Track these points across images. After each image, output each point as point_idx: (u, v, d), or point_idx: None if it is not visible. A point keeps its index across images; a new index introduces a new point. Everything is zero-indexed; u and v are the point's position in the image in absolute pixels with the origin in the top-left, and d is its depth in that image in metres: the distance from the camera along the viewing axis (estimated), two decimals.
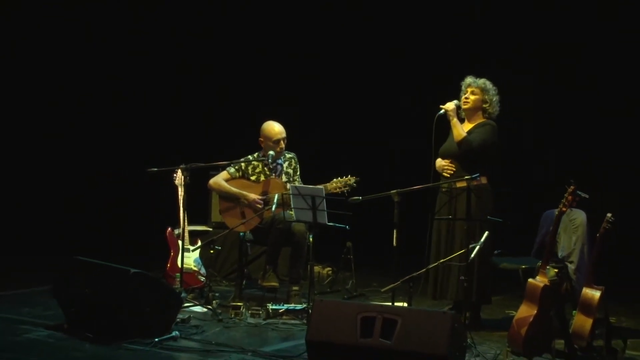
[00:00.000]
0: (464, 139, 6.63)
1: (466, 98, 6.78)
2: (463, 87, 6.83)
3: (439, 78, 8.44)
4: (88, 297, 6.16)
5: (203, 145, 10.14)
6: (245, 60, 10.93)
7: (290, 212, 7.03)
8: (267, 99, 10.16)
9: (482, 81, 6.78)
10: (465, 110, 6.80)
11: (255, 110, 8.62)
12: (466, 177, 6.44)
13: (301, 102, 10.27)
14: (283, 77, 10.59)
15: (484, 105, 6.78)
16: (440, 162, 6.80)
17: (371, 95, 10.34)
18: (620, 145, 9.16)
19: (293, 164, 7.58)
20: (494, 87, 6.80)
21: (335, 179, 7.05)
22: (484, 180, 6.66)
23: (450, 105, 6.69)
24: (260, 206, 7.32)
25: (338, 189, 6.99)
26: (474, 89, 6.77)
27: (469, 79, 6.81)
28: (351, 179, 7.03)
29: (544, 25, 9.42)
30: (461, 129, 6.67)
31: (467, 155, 6.63)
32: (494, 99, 6.79)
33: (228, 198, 7.49)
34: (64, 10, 10.26)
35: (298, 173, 7.58)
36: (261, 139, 7.47)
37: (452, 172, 6.72)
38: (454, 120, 6.69)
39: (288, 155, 7.56)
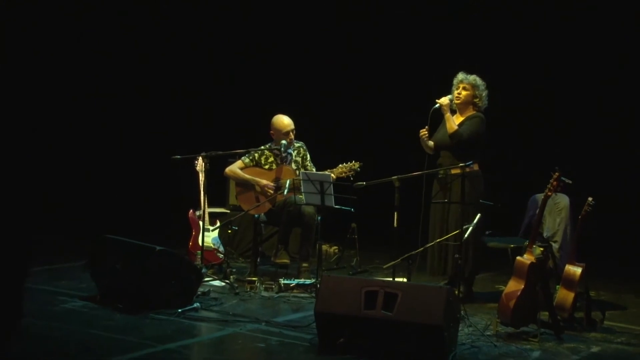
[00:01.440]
0: (456, 132, 6.64)
1: (458, 93, 6.76)
2: (455, 83, 6.82)
3: (437, 73, 8.40)
4: (118, 272, 6.20)
5: (218, 137, 10.11)
6: (251, 56, 10.83)
7: (301, 196, 7.05)
8: (274, 93, 10.10)
9: (472, 77, 6.77)
10: (457, 104, 6.79)
11: (266, 105, 8.56)
12: (460, 164, 6.45)
13: (310, 96, 10.22)
14: (289, 73, 10.50)
15: (475, 100, 6.78)
16: (422, 132, 6.79)
17: (375, 90, 10.29)
18: (601, 136, 9.16)
19: (302, 152, 7.57)
20: (483, 83, 6.79)
21: (340, 165, 7.06)
22: (475, 167, 6.68)
23: (444, 100, 6.70)
24: (271, 191, 7.34)
25: (344, 174, 7.00)
26: (465, 85, 6.76)
27: (460, 76, 6.80)
28: (355, 164, 7.04)
29: (540, 24, 9.38)
30: (453, 123, 6.68)
31: (458, 145, 6.65)
32: (484, 94, 6.79)
33: (243, 184, 7.52)
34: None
35: (308, 159, 7.57)
36: (272, 132, 7.47)
37: (424, 134, 6.75)
38: (447, 115, 6.70)
39: (297, 145, 7.56)
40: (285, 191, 7.14)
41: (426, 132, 6.77)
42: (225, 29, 10.87)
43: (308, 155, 7.57)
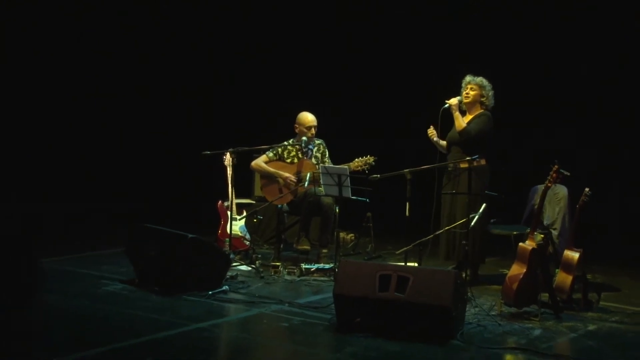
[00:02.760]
0: (464, 130, 6.64)
1: (467, 93, 6.76)
2: (463, 84, 6.81)
3: (442, 73, 8.32)
4: (154, 258, 6.24)
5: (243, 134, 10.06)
6: (272, 59, 10.69)
7: (320, 188, 7.06)
8: (299, 93, 10.03)
9: (479, 79, 6.76)
10: (465, 103, 6.78)
11: (291, 103, 8.53)
12: (467, 158, 6.43)
13: (329, 95, 10.14)
14: (310, 74, 10.41)
15: (482, 99, 6.77)
16: (430, 131, 6.80)
17: (388, 90, 10.23)
18: (597, 133, 9.09)
19: (321, 149, 7.57)
20: (490, 84, 6.77)
21: (356, 159, 7.05)
22: (483, 161, 6.66)
23: (454, 101, 6.69)
24: (293, 183, 7.35)
25: (359, 167, 7.00)
26: (473, 86, 6.75)
27: (468, 77, 6.79)
28: (370, 159, 7.03)
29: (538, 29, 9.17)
30: (462, 121, 6.67)
31: (467, 142, 6.63)
32: (490, 94, 6.77)
33: (267, 176, 7.53)
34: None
35: (327, 156, 7.57)
36: (296, 126, 7.47)
37: (433, 134, 6.74)
38: (456, 114, 6.69)
39: (317, 142, 7.55)
40: (306, 183, 7.16)
41: (434, 132, 6.75)
42: (225, 29, 10.67)
43: (327, 152, 7.57)
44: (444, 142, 6.86)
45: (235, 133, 9.57)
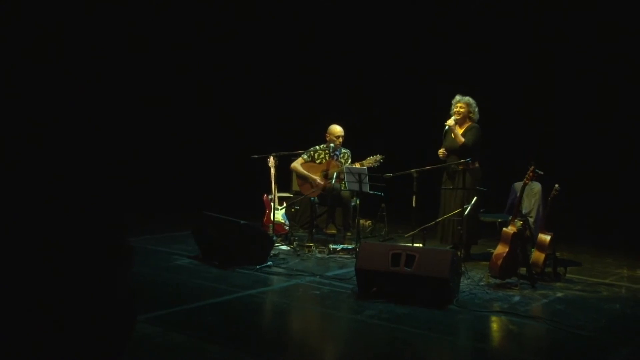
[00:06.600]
0: (464, 144, 6.64)
1: (457, 111, 6.75)
2: (454, 103, 6.80)
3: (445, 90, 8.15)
4: (214, 238, 6.31)
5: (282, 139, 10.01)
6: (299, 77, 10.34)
7: (344, 183, 7.08)
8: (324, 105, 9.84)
9: (467, 98, 6.75)
10: (457, 119, 6.77)
11: (320, 113, 8.44)
12: (462, 160, 6.43)
13: (348, 106, 9.94)
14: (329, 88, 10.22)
15: (470, 115, 6.76)
16: (440, 152, 6.79)
17: (401, 103, 10.05)
18: (569, 137, 8.98)
19: (346, 157, 7.56)
20: (475, 101, 6.77)
21: (368, 157, 7.05)
22: (476, 164, 6.65)
23: (451, 122, 6.68)
24: (320, 184, 7.38)
25: (370, 164, 7.00)
26: (462, 104, 6.74)
27: (457, 97, 6.78)
28: (379, 157, 7.00)
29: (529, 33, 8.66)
30: (460, 137, 6.67)
31: (464, 151, 6.62)
32: (476, 110, 6.76)
33: (302, 177, 7.58)
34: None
35: (349, 164, 7.56)
36: (327, 135, 7.49)
37: (443, 155, 6.73)
38: (456, 131, 6.68)
39: (344, 151, 7.57)
40: (333, 180, 7.19)
41: (444, 153, 6.75)
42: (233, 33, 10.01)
43: (350, 160, 7.57)
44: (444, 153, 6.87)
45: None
